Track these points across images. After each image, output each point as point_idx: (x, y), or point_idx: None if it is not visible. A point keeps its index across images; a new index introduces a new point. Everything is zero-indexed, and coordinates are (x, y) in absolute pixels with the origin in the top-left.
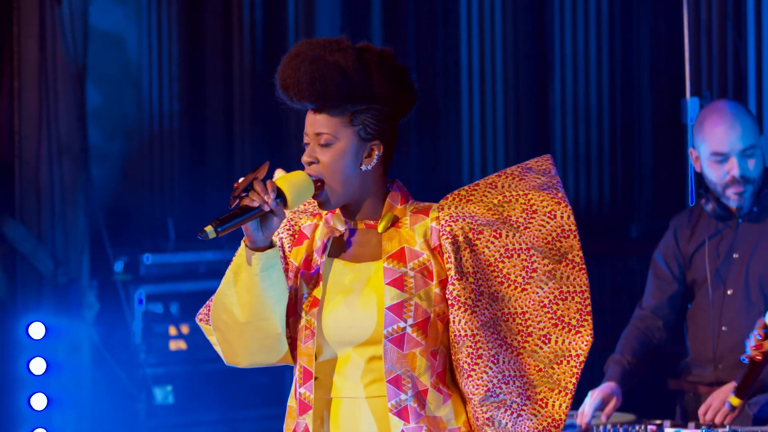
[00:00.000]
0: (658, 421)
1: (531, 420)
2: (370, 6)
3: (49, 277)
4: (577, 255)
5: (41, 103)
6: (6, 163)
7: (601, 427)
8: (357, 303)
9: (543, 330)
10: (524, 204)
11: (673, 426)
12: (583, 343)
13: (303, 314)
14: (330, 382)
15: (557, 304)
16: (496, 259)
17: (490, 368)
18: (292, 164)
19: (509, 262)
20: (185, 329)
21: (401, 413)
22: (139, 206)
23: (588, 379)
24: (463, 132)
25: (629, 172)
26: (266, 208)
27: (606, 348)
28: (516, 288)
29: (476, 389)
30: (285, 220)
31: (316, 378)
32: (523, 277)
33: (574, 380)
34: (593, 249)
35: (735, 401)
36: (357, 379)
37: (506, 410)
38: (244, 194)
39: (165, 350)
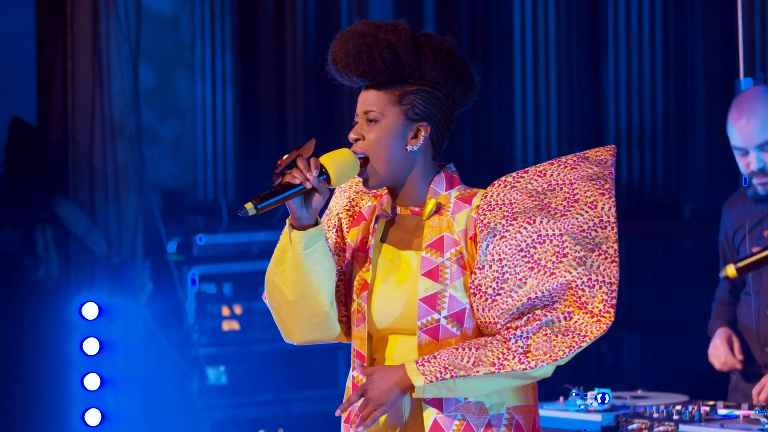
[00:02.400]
0: (711, 402)
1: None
2: None
3: (102, 257)
4: (612, 247)
5: (94, 84)
6: (59, 144)
7: (654, 408)
8: (398, 292)
9: (566, 309)
10: (567, 193)
11: (725, 407)
12: (597, 329)
13: (355, 296)
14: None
15: (583, 290)
16: (527, 245)
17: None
18: (344, 144)
19: (540, 248)
20: (238, 310)
21: (436, 401)
22: (192, 187)
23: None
24: (516, 114)
25: (682, 153)
26: (308, 186)
27: (660, 329)
28: (545, 273)
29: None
30: (346, 200)
31: (373, 360)
32: (553, 262)
33: (567, 352)
34: (646, 230)
35: (731, 271)
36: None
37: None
38: (286, 171)
39: (218, 330)
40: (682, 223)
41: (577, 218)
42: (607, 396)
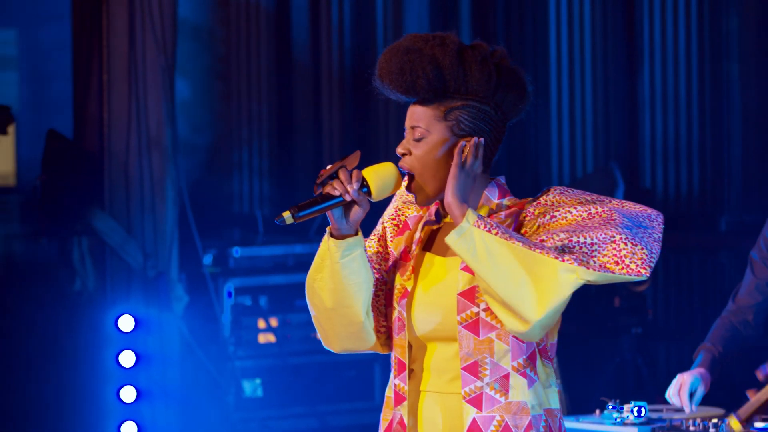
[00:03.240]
0: None
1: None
2: (458, 1)
3: (138, 269)
4: (658, 233)
5: (130, 96)
6: (95, 156)
7: (691, 422)
8: (439, 299)
9: (603, 260)
10: (617, 204)
11: (762, 420)
12: (630, 272)
13: (395, 304)
14: (421, 374)
15: (625, 244)
16: (577, 222)
17: None
18: (380, 158)
19: (590, 221)
20: (274, 322)
21: (475, 400)
22: (228, 199)
23: (676, 369)
24: (552, 125)
25: (718, 166)
26: (347, 198)
27: (696, 340)
28: (591, 228)
29: None
30: (393, 209)
31: (411, 370)
32: (600, 224)
33: (599, 269)
34: (683, 242)
35: (735, 426)
36: (441, 374)
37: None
38: (328, 181)
39: (254, 343)
40: (717, 235)
41: (627, 209)
42: (643, 409)
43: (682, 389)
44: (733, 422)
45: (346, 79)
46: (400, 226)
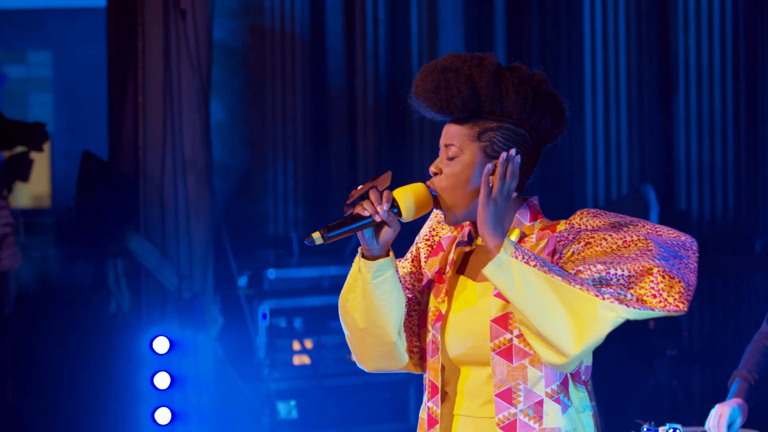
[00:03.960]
0: None
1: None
2: (493, 24)
3: (173, 291)
4: (693, 263)
5: (165, 118)
6: (131, 178)
7: None
8: (472, 323)
9: (640, 293)
10: (651, 229)
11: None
12: (668, 306)
13: (429, 327)
14: (454, 398)
15: (663, 277)
16: (612, 249)
17: None
18: (414, 179)
19: (626, 250)
20: (309, 344)
21: (509, 427)
22: (263, 221)
23: (711, 396)
24: (587, 146)
25: (753, 188)
26: (377, 219)
27: (731, 363)
28: (627, 259)
29: None
30: (428, 229)
31: (444, 392)
32: (636, 254)
33: (637, 306)
34: (718, 265)
35: None
36: (474, 398)
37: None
38: (358, 202)
39: (289, 365)
40: (752, 257)
41: (662, 236)
42: (678, 431)
43: (721, 420)
44: None
45: (381, 104)
46: (434, 246)
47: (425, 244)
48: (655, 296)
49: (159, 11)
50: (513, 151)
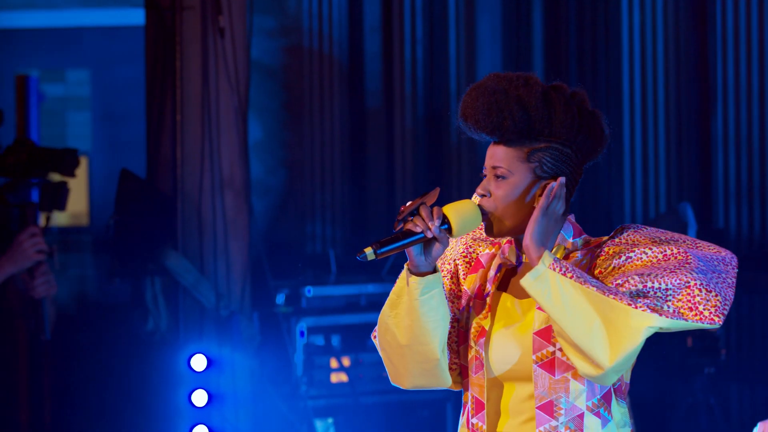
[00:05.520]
0: None
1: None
2: (531, 44)
3: (211, 309)
4: (732, 278)
5: (203, 137)
6: (168, 196)
7: None
8: (516, 337)
9: (677, 305)
10: (691, 244)
11: None
12: (704, 319)
13: (473, 343)
14: (497, 415)
15: (699, 290)
16: (652, 263)
17: None
18: (452, 200)
19: (665, 263)
20: (346, 362)
21: None
22: (301, 239)
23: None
24: (624, 164)
25: None
26: (429, 235)
27: None
28: (666, 271)
29: None
30: (463, 246)
31: (487, 410)
32: (675, 266)
33: (672, 315)
34: (756, 282)
35: None
36: (516, 415)
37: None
38: (409, 218)
39: (326, 382)
40: None
41: (702, 250)
42: None
43: None
44: None
45: (418, 125)
46: (472, 263)
47: (463, 261)
48: (691, 309)
49: (197, 29)
50: (562, 180)
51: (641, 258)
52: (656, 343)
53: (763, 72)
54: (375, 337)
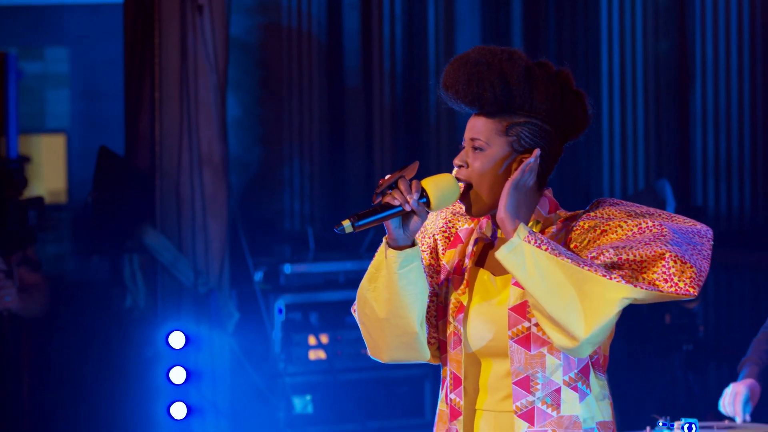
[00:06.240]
0: None
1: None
2: (510, 21)
3: (189, 286)
4: (707, 250)
5: (182, 114)
6: (147, 174)
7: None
8: (492, 313)
9: (652, 277)
10: (667, 217)
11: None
12: (678, 290)
13: (451, 319)
14: (475, 392)
15: (675, 262)
16: (627, 236)
17: None
18: (431, 174)
19: (640, 236)
20: (325, 339)
21: (526, 415)
22: (279, 216)
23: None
24: (603, 140)
25: None
26: (407, 208)
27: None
28: (640, 244)
29: None
30: (443, 221)
31: (465, 386)
32: (650, 239)
33: (647, 286)
34: (734, 259)
35: None
36: (494, 392)
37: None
38: (387, 191)
39: (304, 360)
40: None
41: (677, 223)
42: (694, 426)
43: (737, 398)
44: None
45: (397, 102)
46: (452, 238)
47: (442, 236)
48: (666, 280)
49: (176, 7)
50: (538, 152)
51: (616, 231)
52: (635, 319)
53: (741, 49)
54: (354, 310)
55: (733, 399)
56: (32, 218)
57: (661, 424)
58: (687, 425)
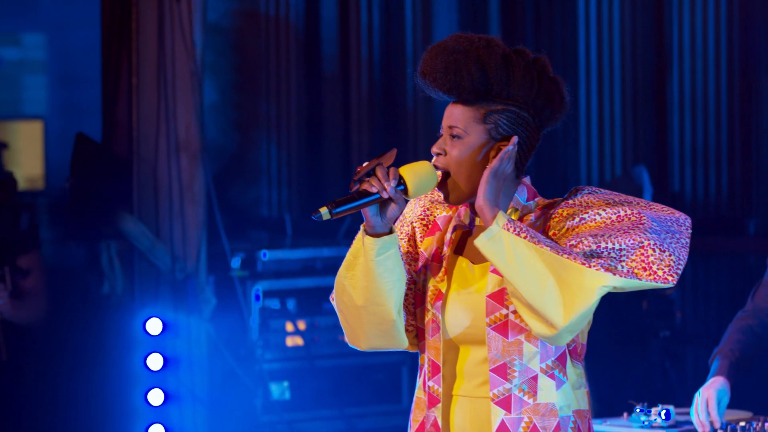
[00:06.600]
0: None
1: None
2: (487, 8)
3: (166, 273)
4: (685, 239)
5: (159, 100)
6: (124, 160)
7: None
8: (470, 301)
9: (631, 265)
10: (645, 206)
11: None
12: (657, 279)
13: (429, 306)
14: (453, 378)
15: (653, 250)
16: (606, 225)
17: None
18: (409, 162)
19: (619, 224)
20: (302, 325)
21: (503, 402)
22: (256, 202)
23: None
24: (580, 127)
25: (747, 169)
26: (384, 195)
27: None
28: (619, 232)
29: None
30: (421, 209)
31: (443, 372)
32: (629, 227)
33: (627, 275)
34: (711, 246)
35: None
36: (471, 378)
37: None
38: (365, 179)
39: (282, 346)
40: (746, 238)
41: (655, 212)
42: (670, 412)
43: (710, 404)
44: None
45: (375, 90)
46: (430, 226)
47: (420, 223)
48: (645, 269)
49: None
50: (515, 139)
51: (595, 219)
52: (612, 306)
53: (718, 35)
54: (333, 298)
55: (705, 406)
56: (24, 222)
57: (638, 410)
58: (664, 411)
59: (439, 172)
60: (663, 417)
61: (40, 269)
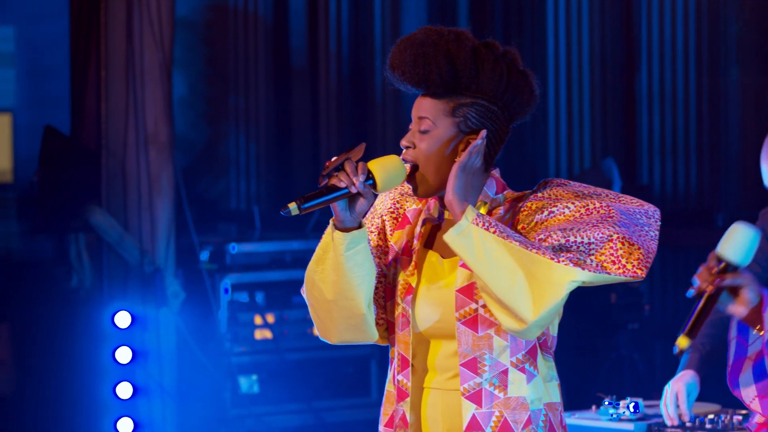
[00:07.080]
0: (744, 412)
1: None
2: (456, 2)
3: (135, 266)
4: (654, 231)
5: (128, 93)
6: (92, 153)
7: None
8: (439, 295)
9: (600, 259)
10: (614, 198)
11: None
12: (627, 273)
13: (399, 300)
14: (424, 371)
15: (622, 243)
16: (574, 217)
17: None
18: (378, 155)
19: (588, 218)
20: (271, 318)
21: (474, 397)
22: (225, 195)
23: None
24: (549, 119)
25: (716, 162)
26: (353, 190)
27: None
28: (588, 225)
29: None
30: (391, 202)
31: (412, 366)
32: (597, 221)
33: (595, 269)
34: (680, 239)
35: (683, 342)
36: (442, 371)
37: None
38: (334, 173)
39: (250, 339)
40: (715, 232)
41: (624, 204)
42: (639, 405)
43: (680, 398)
44: (681, 339)
45: (343, 83)
46: (399, 219)
47: (390, 216)
48: (614, 262)
49: None
50: (484, 133)
51: (564, 213)
52: (581, 298)
53: (687, 29)
54: (303, 292)
55: (674, 399)
56: None
57: (606, 402)
58: (632, 404)
59: (408, 165)
60: (632, 410)
61: (9, 341)
